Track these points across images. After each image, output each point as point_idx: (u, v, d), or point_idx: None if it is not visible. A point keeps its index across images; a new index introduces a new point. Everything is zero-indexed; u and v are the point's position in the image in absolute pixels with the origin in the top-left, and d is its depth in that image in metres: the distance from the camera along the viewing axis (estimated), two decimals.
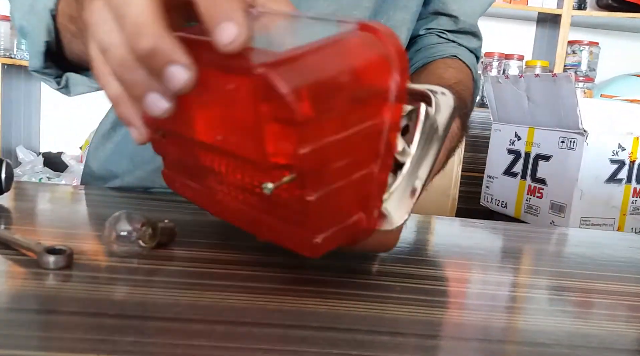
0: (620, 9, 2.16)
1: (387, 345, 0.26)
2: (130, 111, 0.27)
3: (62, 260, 0.31)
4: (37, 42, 0.48)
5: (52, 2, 0.46)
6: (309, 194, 0.25)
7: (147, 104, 0.25)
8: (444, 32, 0.64)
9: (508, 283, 0.38)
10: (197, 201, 0.35)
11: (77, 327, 0.25)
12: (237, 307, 0.28)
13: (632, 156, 1.29)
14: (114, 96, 0.28)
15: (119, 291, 0.29)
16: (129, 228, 0.34)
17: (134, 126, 0.28)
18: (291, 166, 0.25)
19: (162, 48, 0.24)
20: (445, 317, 0.30)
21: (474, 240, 0.49)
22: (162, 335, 0.25)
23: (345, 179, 0.27)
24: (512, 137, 1.49)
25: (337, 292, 0.31)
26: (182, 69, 0.24)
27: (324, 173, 0.26)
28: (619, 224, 1.32)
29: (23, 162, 2.01)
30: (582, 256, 0.46)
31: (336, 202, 0.27)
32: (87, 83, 0.53)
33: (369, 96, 0.27)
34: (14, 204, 0.46)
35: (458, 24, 0.64)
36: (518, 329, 0.30)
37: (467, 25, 0.64)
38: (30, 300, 0.27)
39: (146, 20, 0.24)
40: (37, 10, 0.47)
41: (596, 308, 0.34)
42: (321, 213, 0.27)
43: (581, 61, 2.19)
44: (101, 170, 0.61)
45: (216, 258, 0.35)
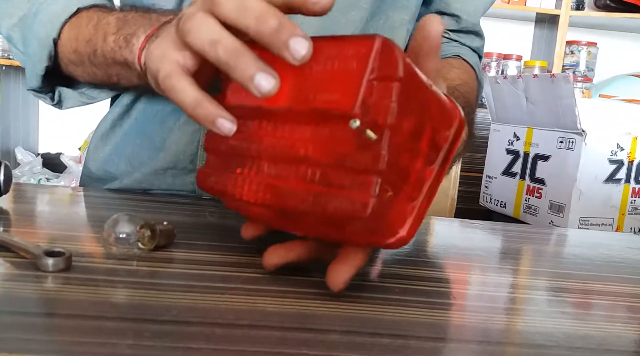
0: (618, 9, 2.16)
1: (387, 348, 0.26)
2: (212, 106, 0.30)
3: (61, 263, 0.31)
4: (37, 66, 0.50)
5: (55, 32, 0.47)
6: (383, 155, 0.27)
7: (257, 84, 0.28)
8: (446, 32, 0.64)
9: (507, 284, 0.38)
10: (235, 193, 0.33)
11: (76, 330, 0.25)
12: (236, 309, 0.28)
13: (630, 156, 1.29)
14: (193, 100, 0.30)
15: (118, 294, 0.29)
16: (127, 230, 0.34)
17: (222, 117, 0.30)
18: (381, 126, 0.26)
19: (286, 23, 0.27)
20: (445, 319, 0.30)
21: (473, 241, 0.49)
22: (160, 337, 0.24)
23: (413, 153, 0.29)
24: (511, 137, 1.49)
25: (337, 294, 0.31)
26: (303, 39, 0.27)
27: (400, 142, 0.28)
28: (617, 224, 1.32)
29: (22, 163, 2.01)
30: (581, 257, 0.46)
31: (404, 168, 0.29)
32: (77, 97, 0.55)
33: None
34: (12, 206, 0.46)
35: (460, 24, 0.64)
36: (517, 330, 0.30)
37: (469, 25, 0.64)
38: (28, 303, 0.27)
39: (266, 5, 0.28)
40: (38, 36, 0.48)
41: (595, 309, 0.34)
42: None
43: (579, 61, 2.19)
44: (100, 171, 0.61)
45: (215, 260, 0.35)
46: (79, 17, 0.48)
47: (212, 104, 0.30)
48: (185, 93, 0.30)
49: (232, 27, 0.29)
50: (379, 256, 0.40)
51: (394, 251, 0.43)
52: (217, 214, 0.48)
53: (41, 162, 2.03)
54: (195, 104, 0.30)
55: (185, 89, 0.30)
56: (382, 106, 0.27)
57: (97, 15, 0.46)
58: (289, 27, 0.27)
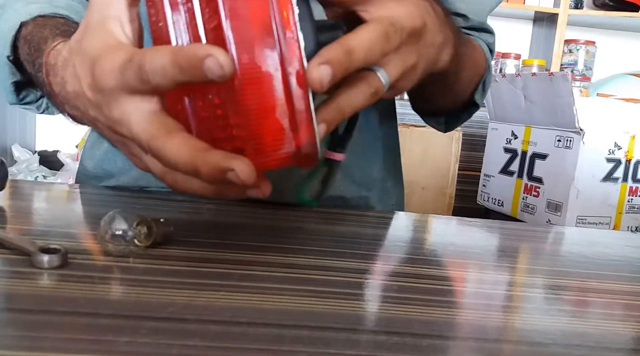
0: (617, 8, 2.17)
1: (383, 345, 0.25)
2: (233, 190, 0.31)
3: (57, 259, 0.31)
4: (5, 84, 0.49)
5: (7, 50, 0.46)
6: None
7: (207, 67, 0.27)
8: None
9: (504, 282, 0.38)
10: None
11: (71, 327, 0.24)
12: (232, 306, 0.28)
13: (628, 155, 1.29)
14: (198, 188, 0.31)
15: (114, 291, 0.29)
16: (124, 227, 0.34)
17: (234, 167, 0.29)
18: None
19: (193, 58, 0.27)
20: (442, 316, 0.30)
21: (471, 239, 0.49)
22: (156, 334, 0.24)
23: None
24: (509, 136, 1.50)
25: (333, 291, 0.31)
26: (216, 59, 0.26)
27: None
28: (615, 223, 1.32)
29: (19, 161, 2.00)
30: (578, 255, 0.46)
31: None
32: None
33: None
34: (8, 203, 0.46)
35: (468, 22, 0.63)
36: (515, 328, 0.30)
37: (476, 23, 0.64)
38: (24, 300, 0.27)
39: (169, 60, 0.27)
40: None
41: (592, 307, 0.34)
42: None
43: (578, 60, 2.19)
44: (96, 169, 0.60)
45: (211, 257, 0.35)
46: (26, 29, 0.46)
47: (215, 157, 0.29)
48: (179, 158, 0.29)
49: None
50: (377, 254, 0.40)
51: (392, 250, 0.42)
52: (214, 212, 0.48)
53: (38, 160, 2.02)
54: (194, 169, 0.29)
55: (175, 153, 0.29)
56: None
57: (33, 31, 0.44)
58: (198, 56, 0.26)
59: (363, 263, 0.37)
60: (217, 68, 0.25)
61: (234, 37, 0.27)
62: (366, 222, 0.50)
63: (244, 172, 0.27)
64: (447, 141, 1.44)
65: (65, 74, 0.34)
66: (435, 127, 0.66)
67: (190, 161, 0.28)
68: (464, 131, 1.48)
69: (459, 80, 0.55)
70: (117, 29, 0.31)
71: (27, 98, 0.52)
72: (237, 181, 0.28)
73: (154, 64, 0.27)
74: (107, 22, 0.31)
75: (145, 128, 0.29)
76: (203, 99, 0.29)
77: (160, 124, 0.29)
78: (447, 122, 0.66)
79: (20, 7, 0.47)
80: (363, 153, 0.62)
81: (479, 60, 0.60)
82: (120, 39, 0.31)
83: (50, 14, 0.46)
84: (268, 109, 0.28)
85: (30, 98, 0.52)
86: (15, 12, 0.46)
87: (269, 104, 0.28)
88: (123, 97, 0.29)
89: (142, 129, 0.29)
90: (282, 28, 0.28)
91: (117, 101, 0.30)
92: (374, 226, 0.49)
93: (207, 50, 0.26)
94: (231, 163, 0.27)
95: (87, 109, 0.32)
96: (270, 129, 0.29)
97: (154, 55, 0.27)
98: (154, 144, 0.29)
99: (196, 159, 0.28)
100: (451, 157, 1.46)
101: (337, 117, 0.32)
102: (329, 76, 0.29)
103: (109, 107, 0.30)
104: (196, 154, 0.28)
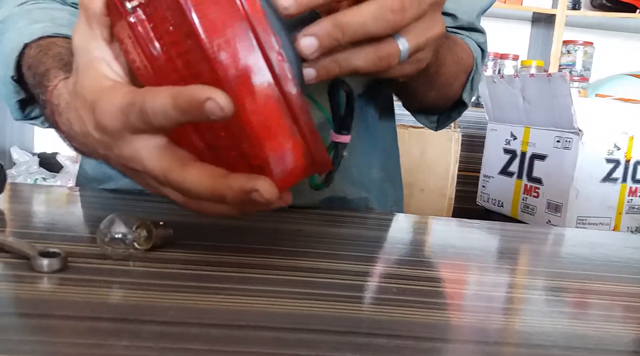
0: (614, 8, 2.17)
1: (384, 348, 0.25)
2: (257, 207, 0.30)
3: (56, 263, 0.31)
4: (10, 102, 0.49)
5: (11, 70, 0.46)
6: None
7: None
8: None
9: (505, 284, 0.38)
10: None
11: (71, 331, 0.24)
12: (233, 310, 0.28)
13: (627, 155, 1.29)
14: (225, 210, 0.31)
15: (114, 295, 0.29)
16: (123, 230, 0.34)
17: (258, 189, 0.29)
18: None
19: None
20: (442, 319, 0.30)
21: (471, 241, 0.49)
22: (157, 338, 0.24)
23: None
24: (508, 137, 1.50)
25: (334, 294, 0.31)
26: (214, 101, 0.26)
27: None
28: (615, 224, 1.32)
29: (18, 163, 2.00)
30: (578, 257, 0.46)
31: None
32: None
33: None
34: (7, 207, 0.45)
35: (456, 21, 0.63)
36: (515, 331, 0.30)
37: (465, 22, 0.64)
38: (23, 304, 0.27)
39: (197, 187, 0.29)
40: (0, 74, 0.47)
41: (593, 308, 0.34)
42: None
43: (576, 61, 2.19)
44: (96, 172, 0.60)
45: (212, 260, 0.35)
46: (29, 53, 0.45)
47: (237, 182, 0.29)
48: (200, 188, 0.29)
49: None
50: (377, 256, 0.40)
51: (390, 252, 0.42)
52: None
53: (37, 162, 2.02)
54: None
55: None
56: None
57: (36, 59, 0.44)
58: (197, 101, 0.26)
59: (364, 266, 0.37)
60: (218, 110, 0.26)
61: (229, 74, 0.27)
62: (366, 224, 0.50)
63: (267, 191, 0.28)
64: (446, 142, 1.44)
65: (69, 116, 0.34)
66: (427, 125, 0.67)
67: (213, 189, 0.28)
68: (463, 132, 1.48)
69: (440, 74, 0.55)
70: (106, 70, 0.31)
71: (32, 113, 0.52)
72: (262, 200, 0.28)
73: (156, 107, 0.27)
74: (93, 64, 0.31)
75: (158, 163, 0.29)
76: (209, 132, 0.29)
77: (172, 156, 0.29)
78: (438, 121, 0.66)
79: (23, 27, 0.46)
80: (362, 154, 0.62)
81: (464, 56, 0.60)
82: (113, 78, 0.31)
83: (52, 34, 0.45)
84: (273, 130, 0.29)
85: (35, 113, 0.52)
86: (18, 32, 0.46)
87: (273, 124, 0.29)
88: (129, 136, 0.30)
89: (156, 164, 0.30)
90: (273, 52, 0.28)
91: (124, 140, 0.30)
92: (374, 228, 0.49)
93: (207, 93, 0.26)
94: (255, 184, 0.28)
95: (96, 148, 0.33)
96: (280, 147, 0.29)
97: (154, 98, 0.27)
98: (172, 178, 0.29)
99: (219, 186, 0.28)
100: (450, 158, 1.46)
101: (331, 66, 0.33)
102: (314, 45, 0.29)
103: (119, 147, 0.30)
104: (217, 181, 0.28)
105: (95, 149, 0.33)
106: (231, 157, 0.29)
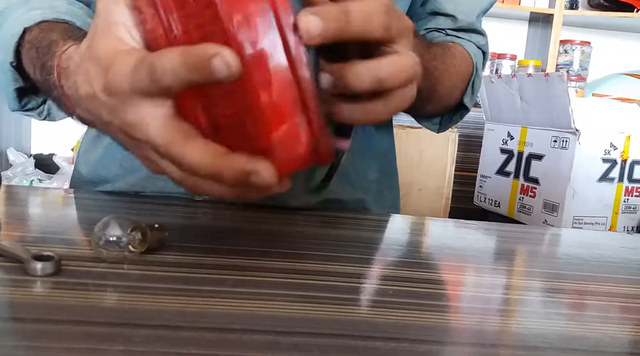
0: (612, 8, 2.17)
1: (380, 351, 0.25)
2: (254, 191, 0.30)
3: (50, 267, 0.31)
4: (8, 90, 0.49)
5: (10, 56, 0.46)
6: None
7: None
8: (443, 30, 0.64)
9: (501, 285, 0.38)
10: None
11: (65, 336, 0.24)
12: (227, 313, 0.28)
13: (624, 155, 1.29)
14: (221, 191, 0.31)
15: (108, 298, 0.29)
16: (118, 233, 0.33)
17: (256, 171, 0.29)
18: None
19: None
20: (438, 321, 0.30)
21: (467, 242, 0.49)
22: (151, 342, 0.24)
23: None
24: (505, 136, 1.50)
25: (329, 297, 0.31)
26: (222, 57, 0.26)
27: None
28: (611, 223, 1.32)
29: (14, 164, 1.99)
30: (574, 257, 0.46)
31: None
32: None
33: None
34: (2, 209, 0.45)
35: (456, 23, 0.63)
36: (511, 332, 0.30)
37: (465, 24, 0.63)
38: (17, 308, 0.27)
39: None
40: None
41: (589, 310, 0.34)
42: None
43: (573, 60, 2.20)
44: (91, 175, 0.60)
45: (206, 262, 0.35)
46: (30, 35, 0.45)
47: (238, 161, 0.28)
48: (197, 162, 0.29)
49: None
50: (373, 258, 0.40)
51: (389, 253, 0.42)
52: (209, 216, 0.47)
53: (33, 163, 2.02)
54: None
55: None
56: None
57: (39, 35, 0.44)
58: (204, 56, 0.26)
59: (359, 267, 0.37)
60: (225, 67, 0.25)
61: (244, 50, 0.27)
62: (362, 225, 0.50)
63: (267, 174, 0.27)
64: (443, 142, 1.44)
65: (77, 78, 0.34)
66: (429, 127, 0.67)
67: (212, 167, 0.28)
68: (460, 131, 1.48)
69: (436, 92, 0.55)
70: (125, 35, 0.31)
71: (29, 105, 0.51)
72: (261, 183, 0.27)
73: (165, 64, 0.27)
74: (114, 28, 0.31)
75: (161, 133, 0.29)
76: (216, 108, 0.29)
77: (176, 128, 0.29)
78: (440, 123, 0.66)
79: (21, 14, 0.46)
80: (359, 156, 0.62)
81: (463, 67, 0.60)
82: (130, 43, 0.31)
83: (53, 19, 0.45)
84: (282, 113, 0.28)
85: (32, 105, 0.52)
86: (17, 20, 0.46)
87: (282, 107, 0.28)
88: (137, 101, 0.29)
89: (158, 133, 0.29)
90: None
91: (131, 104, 0.29)
92: (371, 229, 0.49)
93: (215, 50, 0.25)
94: (255, 166, 0.27)
95: (100, 112, 0.32)
96: (286, 130, 0.29)
97: (164, 55, 0.27)
98: (173, 150, 0.29)
99: (219, 163, 0.28)
100: (447, 158, 1.46)
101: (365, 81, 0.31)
102: (317, 26, 0.28)
103: (124, 111, 0.30)
104: (218, 158, 0.28)
105: (100, 115, 0.32)
106: (235, 136, 0.29)
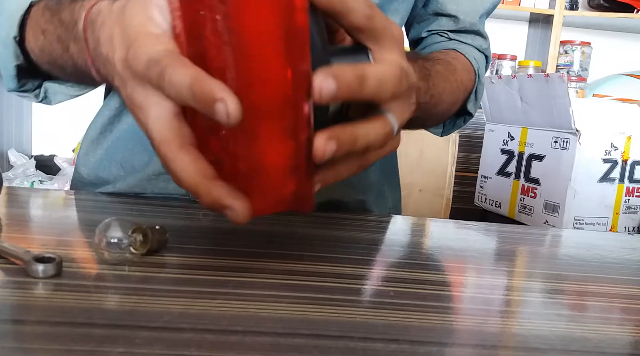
0: (612, 9, 2.17)
1: (380, 352, 0.25)
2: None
3: (51, 269, 0.31)
4: (8, 67, 0.48)
5: (14, 30, 0.46)
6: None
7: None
8: (445, 33, 0.64)
9: (502, 286, 0.38)
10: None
11: (66, 337, 0.24)
12: (228, 315, 0.28)
13: (624, 156, 1.29)
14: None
15: (109, 300, 0.29)
16: (119, 235, 0.33)
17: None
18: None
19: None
20: (439, 322, 0.30)
21: (468, 242, 0.49)
22: (152, 344, 0.24)
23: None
24: (506, 137, 1.50)
25: (330, 298, 0.31)
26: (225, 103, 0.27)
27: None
28: (612, 224, 1.32)
29: (15, 166, 2.00)
30: (575, 258, 0.46)
31: None
32: (65, 91, 0.53)
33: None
34: (3, 211, 0.45)
35: (458, 24, 0.63)
36: (512, 334, 0.30)
37: (467, 25, 0.64)
38: (18, 310, 0.27)
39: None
40: (1, 38, 0.47)
41: (590, 311, 0.34)
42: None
43: (573, 61, 2.20)
44: (91, 176, 0.60)
45: (207, 264, 0.35)
46: (37, 10, 0.45)
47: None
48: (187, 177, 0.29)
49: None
50: (374, 259, 0.40)
51: (388, 254, 0.42)
52: (210, 217, 0.47)
53: (34, 165, 2.02)
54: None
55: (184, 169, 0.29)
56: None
57: (52, 5, 0.44)
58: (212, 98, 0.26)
59: (360, 269, 0.37)
60: (224, 115, 0.26)
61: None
62: (363, 226, 0.50)
63: (240, 215, 0.29)
64: (443, 143, 1.44)
65: (101, 36, 0.34)
66: (432, 131, 0.67)
67: (193, 185, 0.29)
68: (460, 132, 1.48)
69: (435, 112, 0.56)
70: (157, 17, 0.31)
71: (26, 86, 0.51)
72: (232, 219, 0.29)
73: (173, 78, 0.27)
74: (148, 7, 0.31)
75: (160, 128, 0.29)
76: (217, 129, 0.29)
77: (176, 129, 0.29)
78: (444, 128, 0.66)
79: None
80: None
81: (465, 79, 0.60)
82: (161, 27, 0.31)
83: None
84: (276, 151, 0.29)
85: (29, 86, 0.51)
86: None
87: (276, 142, 0.29)
88: (148, 86, 0.29)
89: (156, 127, 0.29)
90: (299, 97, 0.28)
91: (142, 86, 0.30)
92: (371, 230, 0.49)
93: (222, 95, 0.26)
94: (233, 203, 0.28)
95: (113, 77, 0.33)
96: (272, 171, 0.29)
97: (178, 69, 0.27)
98: (164, 151, 0.29)
99: (200, 186, 0.29)
100: (448, 158, 1.46)
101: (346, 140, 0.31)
102: (331, 89, 0.28)
103: (133, 88, 0.30)
104: (202, 181, 0.28)
105: (112, 78, 0.33)
106: (227, 145, 0.29)
